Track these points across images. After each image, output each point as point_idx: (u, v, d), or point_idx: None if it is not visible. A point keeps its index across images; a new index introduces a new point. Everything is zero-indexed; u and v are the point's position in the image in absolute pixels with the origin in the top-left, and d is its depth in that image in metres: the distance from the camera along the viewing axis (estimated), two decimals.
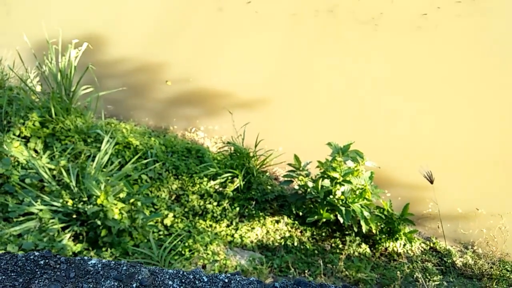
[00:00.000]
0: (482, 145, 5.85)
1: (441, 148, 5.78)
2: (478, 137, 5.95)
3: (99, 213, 3.52)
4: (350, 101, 6.30)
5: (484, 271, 4.42)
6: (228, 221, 4.35)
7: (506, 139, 5.93)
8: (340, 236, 4.47)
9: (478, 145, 5.86)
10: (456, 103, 6.38)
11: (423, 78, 6.75)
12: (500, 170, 5.58)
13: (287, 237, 4.34)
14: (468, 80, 6.70)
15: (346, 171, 4.25)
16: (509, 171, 5.56)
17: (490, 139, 5.93)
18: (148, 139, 4.88)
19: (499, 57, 7.06)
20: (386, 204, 4.45)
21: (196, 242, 3.81)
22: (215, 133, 5.79)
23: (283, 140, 5.55)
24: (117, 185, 3.77)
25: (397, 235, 4.40)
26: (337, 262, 3.97)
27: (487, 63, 6.95)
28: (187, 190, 4.51)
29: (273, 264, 3.87)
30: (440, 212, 5.18)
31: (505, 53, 7.14)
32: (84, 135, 4.71)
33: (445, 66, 6.93)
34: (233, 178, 4.66)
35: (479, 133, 6.00)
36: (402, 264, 4.29)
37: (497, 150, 5.82)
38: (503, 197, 5.32)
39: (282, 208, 4.69)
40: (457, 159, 5.66)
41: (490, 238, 4.95)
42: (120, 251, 3.52)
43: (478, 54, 7.14)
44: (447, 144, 5.83)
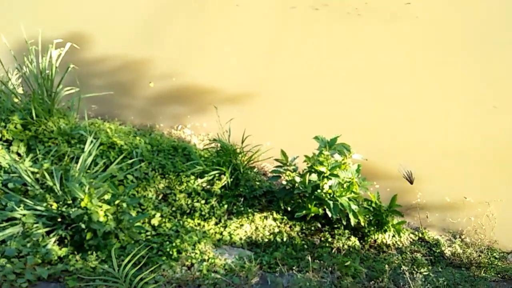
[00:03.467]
0: (468, 135, 5.88)
1: (428, 138, 5.80)
2: (464, 127, 5.97)
3: (83, 216, 3.47)
4: (336, 94, 6.28)
5: (472, 260, 4.45)
6: (216, 219, 4.32)
7: (491, 129, 5.96)
8: (329, 229, 4.47)
9: (464, 134, 5.88)
10: (442, 94, 6.39)
11: (409, 69, 6.75)
12: (486, 158, 5.62)
13: (276, 232, 4.33)
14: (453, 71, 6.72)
15: (333, 165, 4.23)
16: (495, 159, 5.59)
17: (476, 129, 5.96)
18: (133, 139, 4.82)
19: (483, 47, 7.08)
20: (374, 197, 4.45)
21: (184, 242, 3.77)
22: (202, 130, 5.74)
23: (271, 135, 5.52)
24: (102, 187, 3.71)
25: (385, 227, 4.41)
26: (326, 257, 3.96)
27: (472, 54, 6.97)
28: (174, 189, 4.47)
29: (262, 261, 3.85)
30: (429, 201, 5.21)
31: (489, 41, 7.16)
32: (67, 137, 4.64)
33: (431, 56, 6.94)
34: (220, 175, 4.62)
35: (465, 123, 6.02)
36: (391, 255, 4.31)
37: (483, 139, 5.85)
38: (490, 184, 5.36)
39: (270, 203, 4.67)
40: (444, 149, 5.68)
41: (478, 226, 4.98)
42: (106, 254, 3.48)
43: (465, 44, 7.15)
44: (433, 134, 5.85)
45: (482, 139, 5.83)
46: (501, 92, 6.41)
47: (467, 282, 3.79)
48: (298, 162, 4.63)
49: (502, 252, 4.72)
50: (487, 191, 5.26)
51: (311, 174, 4.32)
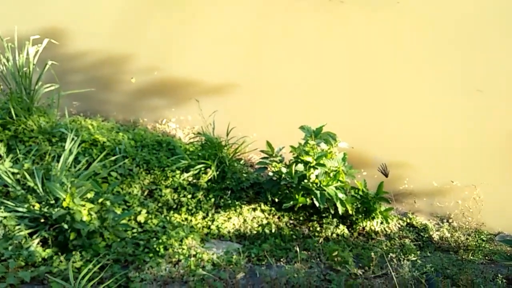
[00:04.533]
0: (453, 120, 5.90)
1: (414, 124, 5.80)
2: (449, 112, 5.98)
3: (65, 216, 3.40)
4: (320, 83, 6.24)
5: (460, 243, 4.49)
6: (203, 213, 4.28)
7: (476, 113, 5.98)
8: (317, 219, 4.46)
9: (449, 119, 5.89)
10: (426, 80, 6.39)
11: (392, 57, 6.72)
12: (472, 142, 5.65)
13: (264, 224, 4.30)
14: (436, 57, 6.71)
15: (319, 154, 4.21)
16: (481, 143, 5.62)
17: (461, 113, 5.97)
18: (116, 135, 4.74)
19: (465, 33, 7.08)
20: (360, 184, 4.44)
21: (171, 238, 3.73)
22: (187, 123, 5.67)
23: (256, 126, 5.47)
24: (84, 186, 3.64)
25: (373, 214, 4.41)
26: (314, 246, 3.96)
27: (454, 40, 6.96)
28: (159, 185, 4.41)
29: (250, 254, 3.83)
30: (416, 187, 5.23)
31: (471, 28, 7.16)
32: (48, 135, 4.54)
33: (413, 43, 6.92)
34: (206, 169, 4.57)
35: (450, 108, 6.03)
36: (380, 242, 4.32)
37: (468, 123, 5.87)
38: (477, 168, 5.40)
39: (258, 195, 4.64)
40: (430, 134, 5.69)
41: (466, 209, 5.02)
42: (91, 253, 3.42)
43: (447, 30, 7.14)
44: (419, 120, 5.85)
45: (468, 124, 5.86)
46: (485, 76, 6.42)
47: (455, 266, 3.81)
48: (284, 152, 4.60)
49: (490, 234, 4.76)
50: (473, 175, 5.30)
51: (297, 164, 4.29)
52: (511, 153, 5.55)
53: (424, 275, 3.47)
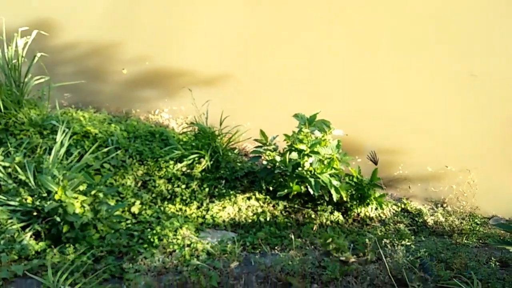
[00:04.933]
0: (447, 105, 5.88)
1: (408, 110, 5.78)
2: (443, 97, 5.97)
3: (58, 209, 3.38)
4: (313, 71, 6.20)
5: (454, 227, 4.50)
6: (198, 202, 4.27)
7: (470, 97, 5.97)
8: (312, 206, 4.46)
9: (443, 105, 5.88)
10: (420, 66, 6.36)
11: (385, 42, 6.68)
12: (466, 127, 5.65)
13: (259, 212, 4.30)
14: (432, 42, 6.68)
15: (313, 142, 4.19)
16: (474, 127, 5.62)
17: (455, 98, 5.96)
18: (108, 126, 4.70)
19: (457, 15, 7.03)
20: (355, 171, 4.43)
21: (165, 228, 3.72)
22: (181, 113, 5.63)
23: (250, 115, 5.44)
24: (76, 178, 3.61)
25: (368, 200, 4.41)
26: (309, 233, 3.96)
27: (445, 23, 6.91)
28: (153, 175, 4.39)
29: (245, 242, 3.83)
30: (410, 172, 5.23)
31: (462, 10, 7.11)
32: (39, 128, 4.50)
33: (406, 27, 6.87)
34: (200, 159, 4.55)
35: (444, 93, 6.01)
36: (375, 228, 4.33)
37: (462, 108, 5.86)
38: (471, 152, 5.40)
39: (252, 184, 4.63)
40: (424, 119, 5.68)
41: (460, 193, 5.04)
42: (85, 245, 3.41)
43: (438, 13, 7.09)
44: (413, 106, 5.84)
45: (461, 109, 5.85)
46: (478, 61, 6.40)
47: (449, 250, 3.83)
48: (278, 141, 4.58)
49: (484, 218, 4.78)
50: (468, 159, 5.30)
51: (291, 152, 4.27)
52: (505, 137, 5.56)
53: (418, 260, 3.49)
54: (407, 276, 3.29)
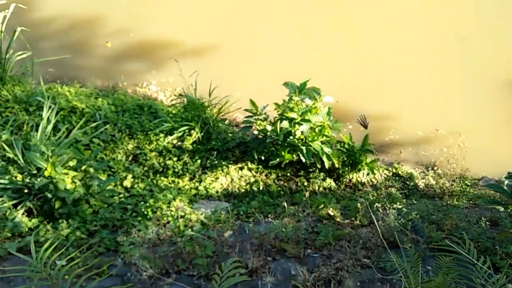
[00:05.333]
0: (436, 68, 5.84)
1: (398, 74, 5.74)
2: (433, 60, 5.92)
3: (48, 185, 3.35)
4: (302, 38, 6.09)
5: (445, 189, 4.56)
6: (190, 174, 4.26)
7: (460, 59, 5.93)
8: (304, 174, 4.47)
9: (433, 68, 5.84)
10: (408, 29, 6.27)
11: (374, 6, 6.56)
12: (455, 89, 5.64)
13: (252, 182, 4.31)
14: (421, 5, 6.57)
15: (303, 110, 4.16)
16: (464, 90, 5.62)
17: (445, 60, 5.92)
18: (95, 100, 4.62)
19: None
20: (346, 138, 4.43)
21: (158, 201, 3.72)
22: (169, 85, 5.54)
23: (240, 85, 5.37)
24: (65, 154, 3.57)
25: (359, 166, 4.44)
26: (302, 201, 3.99)
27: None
28: (144, 149, 4.35)
29: (239, 211, 3.85)
30: (401, 137, 5.25)
31: None
32: (25, 104, 4.41)
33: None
34: (190, 131, 4.51)
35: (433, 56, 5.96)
36: (366, 192, 4.37)
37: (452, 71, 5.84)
38: (461, 115, 5.42)
39: (244, 154, 4.62)
40: (414, 83, 5.66)
41: (451, 156, 5.08)
42: (78, 220, 3.41)
43: None
44: (403, 71, 5.79)
45: (451, 71, 5.82)
46: (468, 23, 6.33)
47: (440, 212, 3.89)
48: (269, 110, 4.54)
49: (474, 180, 4.85)
50: (458, 122, 5.33)
51: (282, 121, 4.25)
52: (494, 98, 5.57)
53: (410, 222, 3.54)
54: (399, 238, 3.35)
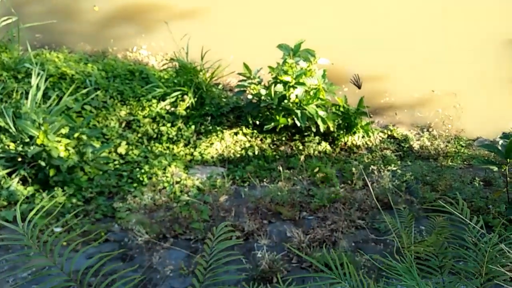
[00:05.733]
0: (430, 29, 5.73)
1: (392, 36, 5.62)
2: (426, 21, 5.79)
3: (41, 153, 3.33)
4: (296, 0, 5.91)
5: (440, 150, 4.58)
6: (185, 140, 4.23)
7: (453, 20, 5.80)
8: (299, 138, 4.46)
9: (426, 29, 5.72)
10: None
11: None
12: (450, 50, 5.55)
13: (247, 147, 4.30)
14: None
15: (298, 73, 4.10)
16: (459, 50, 5.53)
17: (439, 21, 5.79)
18: (85, 66, 4.51)
19: None
20: (341, 101, 4.39)
21: (154, 167, 3.72)
22: (160, 49, 5.40)
23: (232, 48, 5.24)
24: (57, 121, 3.52)
25: (354, 129, 4.42)
26: (297, 164, 3.99)
27: None
28: (137, 115, 4.30)
29: (235, 176, 3.86)
30: (397, 99, 5.21)
31: None
32: (13, 72, 4.31)
33: None
34: (183, 96, 4.44)
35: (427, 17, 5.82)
36: (362, 155, 4.38)
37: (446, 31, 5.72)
38: (456, 75, 5.36)
39: (239, 119, 4.58)
40: (409, 45, 5.55)
41: (446, 117, 5.06)
42: (74, 188, 3.41)
43: None
44: (398, 31, 5.67)
45: (446, 31, 5.71)
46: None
47: (434, 173, 3.92)
48: (263, 74, 4.47)
49: (468, 140, 4.85)
50: (453, 83, 5.28)
51: (277, 85, 4.19)
52: (491, 58, 5.50)
53: (404, 184, 3.57)
54: (393, 199, 3.39)
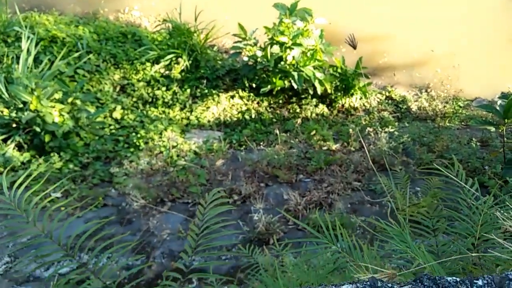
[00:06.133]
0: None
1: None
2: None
3: (36, 119, 3.29)
4: None
5: (437, 111, 4.55)
6: (181, 104, 4.19)
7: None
8: (296, 101, 4.41)
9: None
10: None
11: None
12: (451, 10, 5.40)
13: (244, 111, 4.26)
14: None
15: (295, 34, 3.99)
16: (459, 11, 5.38)
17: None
18: (76, 29, 4.38)
19: None
20: (339, 62, 4.31)
21: (150, 131, 3.69)
22: (152, 10, 5.24)
23: (227, 8, 5.09)
24: (49, 86, 3.46)
25: (352, 91, 4.37)
26: (294, 127, 3.98)
27: None
28: (131, 79, 4.23)
29: (232, 140, 3.85)
30: (395, 60, 5.12)
31: None
32: (2, 35, 4.19)
33: None
34: (177, 59, 4.35)
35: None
36: (359, 117, 4.35)
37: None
38: (456, 35, 5.24)
39: (235, 82, 4.51)
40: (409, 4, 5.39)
41: (445, 77, 5.00)
42: (70, 153, 3.39)
43: None
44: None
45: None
46: None
47: (431, 134, 3.91)
48: (258, 35, 4.35)
49: (467, 101, 4.82)
50: (453, 43, 5.17)
51: (273, 46, 4.09)
52: (491, 17, 5.36)
53: (401, 145, 3.57)
54: (389, 161, 3.39)
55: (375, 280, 0.57)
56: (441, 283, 0.55)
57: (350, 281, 0.60)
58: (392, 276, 0.78)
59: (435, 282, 0.55)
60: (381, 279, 0.62)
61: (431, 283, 0.55)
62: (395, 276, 0.78)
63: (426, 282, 0.55)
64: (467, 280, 0.56)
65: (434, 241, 1.23)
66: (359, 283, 0.57)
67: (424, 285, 0.55)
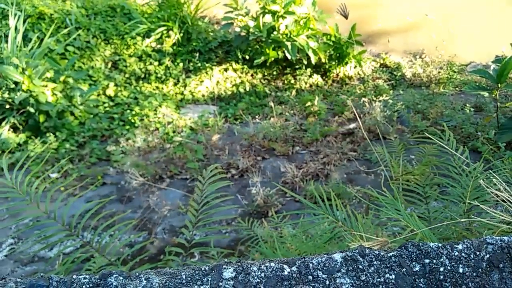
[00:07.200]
0: None
1: None
2: None
3: (29, 99, 3.27)
4: None
5: (432, 77, 4.55)
6: (174, 79, 4.16)
7: None
8: (291, 72, 4.39)
9: None
10: None
11: None
12: None
13: (238, 83, 4.24)
14: None
15: (287, 1, 3.93)
16: None
17: None
18: (63, 4, 4.29)
19: None
20: (332, 30, 4.26)
21: (144, 108, 3.68)
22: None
23: None
24: (40, 65, 3.42)
25: (346, 59, 4.34)
26: (289, 99, 3.97)
27: None
28: (122, 55, 4.17)
29: (227, 114, 3.85)
30: (390, 25, 5.07)
31: None
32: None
33: None
34: (168, 32, 4.29)
35: None
36: (354, 86, 4.34)
37: None
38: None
39: (228, 54, 4.47)
40: None
41: (439, 42, 4.96)
42: (66, 133, 3.39)
43: None
44: None
45: None
46: None
47: (426, 101, 3.92)
48: (250, 4, 4.27)
49: (461, 66, 4.80)
50: (447, 6, 5.10)
51: (265, 15, 4.03)
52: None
53: (395, 113, 3.58)
54: (385, 130, 3.41)
55: (363, 248, 0.62)
56: (424, 249, 0.61)
57: (341, 250, 0.64)
58: (384, 243, 0.82)
59: (418, 248, 0.61)
60: (369, 247, 0.66)
61: (415, 249, 0.61)
62: (387, 243, 0.82)
63: (410, 248, 0.61)
64: (448, 245, 0.61)
65: (426, 208, 1.27)
66: (348, 251, 0.61)
67: (409, 251, 0.61)
